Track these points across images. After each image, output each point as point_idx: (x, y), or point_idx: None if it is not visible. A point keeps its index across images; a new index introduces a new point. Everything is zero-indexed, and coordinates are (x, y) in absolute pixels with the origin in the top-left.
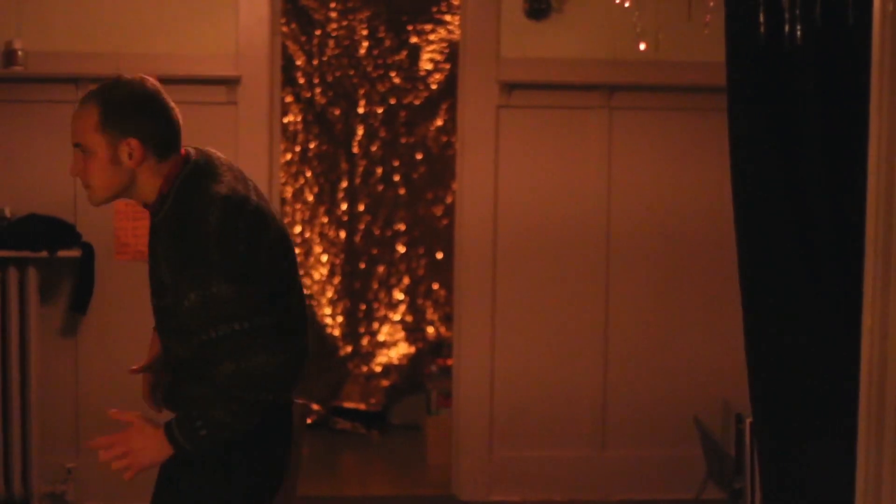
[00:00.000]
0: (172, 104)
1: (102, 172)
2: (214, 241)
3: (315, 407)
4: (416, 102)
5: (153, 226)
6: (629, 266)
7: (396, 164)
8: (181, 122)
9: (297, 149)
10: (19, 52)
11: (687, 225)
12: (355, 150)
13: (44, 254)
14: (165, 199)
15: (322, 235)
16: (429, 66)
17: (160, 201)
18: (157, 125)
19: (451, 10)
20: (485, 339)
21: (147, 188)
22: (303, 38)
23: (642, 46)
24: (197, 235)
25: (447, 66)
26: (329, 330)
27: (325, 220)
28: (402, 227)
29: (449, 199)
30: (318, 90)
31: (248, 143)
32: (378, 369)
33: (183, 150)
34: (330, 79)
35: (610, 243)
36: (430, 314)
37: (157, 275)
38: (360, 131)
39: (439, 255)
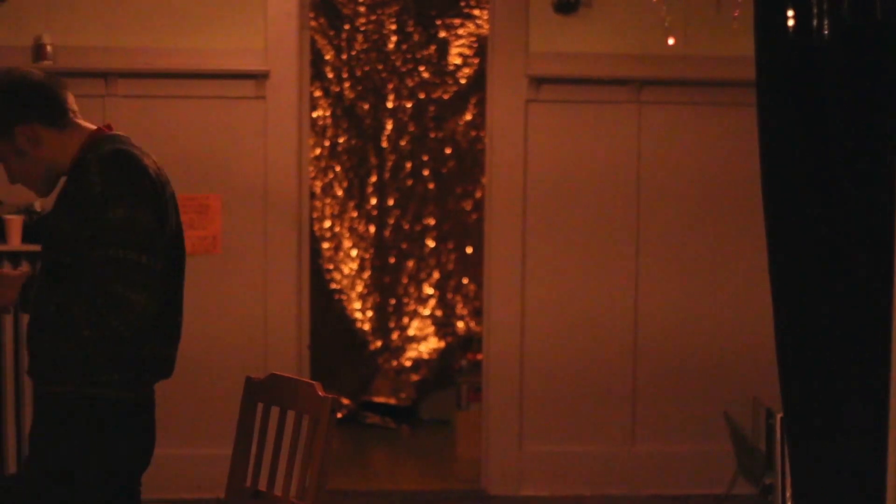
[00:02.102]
0: (43, 76)
1: (21, 168)
2: (145, 175)
3: (345, 401)
4: (445, 97)
5: (63, 186)
6: (659, 263)
7: (426, 158)
8: (60, 87)
9: (327, 143)
10: (48, 47)
11: (717, 220)
12: (384, 144)
13: None
14: (85, 154)
15: (352, 230)
16: (458, 61)
17: (82, 157)
18: (32, 101)
19: (479, 4)
20: (514, 333)
21: (66, 157)
22: (331, 33)
23: (671, 41)
24: (129, 166)
25: (476, 61)
26: (359, 325)
27: (355, 214)
28: (431, 221)
29: (478, 194)
30: (346, 85)
31: (277, 138)
32: (408, 364)
33: (107, 128)
34: (359, 73)
35: (640, 239)
36: (460, 309)
37: (57, 226)
38: (390, 126)
39: (469, 250)
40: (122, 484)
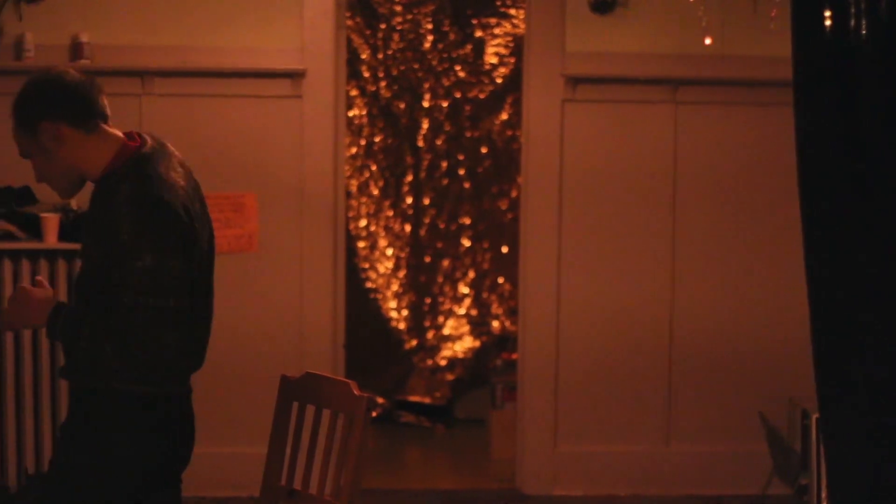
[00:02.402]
0: (83, 78)
1: (43, 166)
2: (173, 215)
3: (380, 400)
4: (481, 96)
5: (95, 195)
6: (694, 263)
7: (461, 157)
8: (95, 91)
9: (363, 142)
10: (86, 46)
11: (753, 220)
12: (420, 143)
13: None
14: (116, 173)
15: (387, 229)
16: (494, 60)
17: (111, 175)
18: (61, 100)
19: (515, 3)
20: (549, 333)
21: (89, 163)
22: (367, 32)
23: (708, 41)
24: (157, 204)
25: (512, 60)
26: (394, 324)
27: (391, 213)
28: (467, 220)
29: (514, 193)
30: (382, 84)
31: (313, 137)
32: (443, 363)
33: (131, 133)
34: (395, 72)
35: (675, 239)
36: (495, 308)
37: (87, 252)
38: (425, 125)
39: (504, 249)
40: (155, 479)
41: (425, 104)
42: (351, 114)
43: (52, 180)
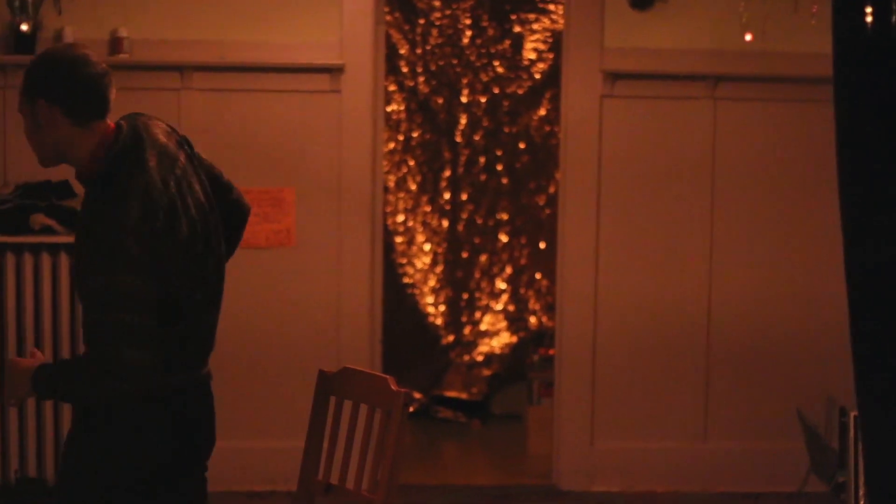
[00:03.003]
0: (98, 71)
1: (31, 135)
2: (131, 233)
3: (417, 396)
4: (520, 92)
5: (86, 202)
6: (733, 260)
7: (499, 153)
8: (103, 87)
9: (401, 137)
10: (125, 40)
11: (792, 217)
12: (458, 139)
13: None
14: (99, 179)
15: (425, 224)
16: (532, 56)
17: (97, 180)
18: (65, 87)
19: None
20: (587, 329)
21: (72, 153)
22: (406, 27)
23: (748, 37)
24: (116, 224)
25: (550, 56)
26: (431, 319)
27: (428, 209)
28: (504, 216)
29: (552, 189)
30: (421, 79)
31: (352, 132)
32: (480, 359)
33: (113, 123)
34: (433, 68)
35: (713, 235)
36: (533, 304)
37: (80, 248)
38: (464, 120)
39: (542, 245)
40: (160, 475)
41: (463, 99)
42: (389, 109)
43: (35, 147)
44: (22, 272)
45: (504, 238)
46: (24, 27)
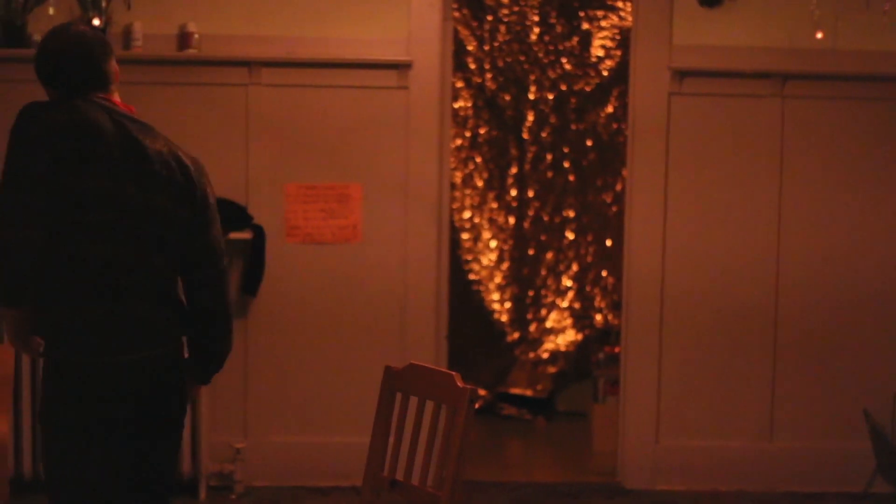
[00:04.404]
0: (54, 46)
1: None
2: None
3: (482, 392)
4: (587, 89)
5: None
6: (800, 259)
7: (566, 150)
8: (70, 63)
9: (468, 134)
10: (194, 36)
11: (862, 220)
12: (525, 136)
13: None
14: None
15: (491, 221)
16: (600, 53)
17: None
18: (39, 59)
19: None
20: (653, 326)
21: None
22: (474, 24)
23: (819, 35)
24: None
25: (618, 53)
26: (496, 316)
27: (495, 205)
28: (571, 213)
29: (619, 187)
30: (488, 76)
31: (419, 128)
32: (545, 356)
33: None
34: (501, 64)
35: (781, 236)
36: (599, 301)
37: None
38: (531, 117)
39: (608, 243)
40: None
41: (531, 96)
42: (456, 105)
43: None
44: None
45: (570, 235)
46: (95, 22)
